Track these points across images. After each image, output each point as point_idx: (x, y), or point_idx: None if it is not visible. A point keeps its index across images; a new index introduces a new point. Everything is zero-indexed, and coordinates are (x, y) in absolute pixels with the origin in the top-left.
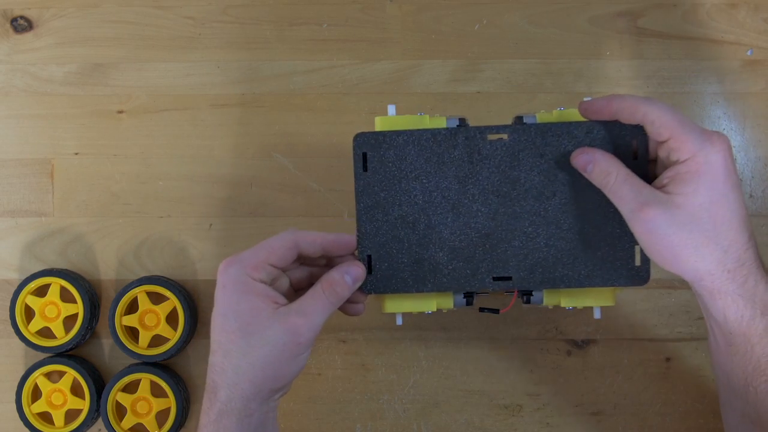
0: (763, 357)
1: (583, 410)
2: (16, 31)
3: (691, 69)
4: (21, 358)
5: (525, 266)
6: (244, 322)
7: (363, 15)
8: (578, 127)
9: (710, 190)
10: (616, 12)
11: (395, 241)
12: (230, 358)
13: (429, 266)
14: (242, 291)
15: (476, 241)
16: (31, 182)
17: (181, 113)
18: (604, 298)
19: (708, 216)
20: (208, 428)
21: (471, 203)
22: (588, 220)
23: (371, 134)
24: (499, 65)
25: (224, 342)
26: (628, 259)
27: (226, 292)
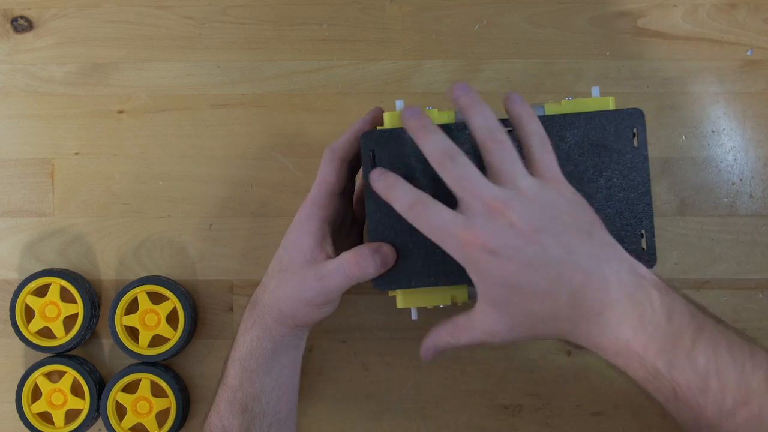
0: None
1: (584, 410)
2: (16, 31)
3: (691, 69)
4: (21, 358)
5: None
6: (290, 260)
7: (363, 15)
8: (579, 118)
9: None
10: (616, 12)
11: (406, 237)
12: (271, 282)
13: (440, 260)
14: (308, 232)
15: None
16: (31, 182)
17: (182, 113)
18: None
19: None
20: (244, 334)
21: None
22: (595, 207)
23: (378, 132)
24: (499, 65)
25: (274, 266)
26: (636, 243)
27: (295, 228)
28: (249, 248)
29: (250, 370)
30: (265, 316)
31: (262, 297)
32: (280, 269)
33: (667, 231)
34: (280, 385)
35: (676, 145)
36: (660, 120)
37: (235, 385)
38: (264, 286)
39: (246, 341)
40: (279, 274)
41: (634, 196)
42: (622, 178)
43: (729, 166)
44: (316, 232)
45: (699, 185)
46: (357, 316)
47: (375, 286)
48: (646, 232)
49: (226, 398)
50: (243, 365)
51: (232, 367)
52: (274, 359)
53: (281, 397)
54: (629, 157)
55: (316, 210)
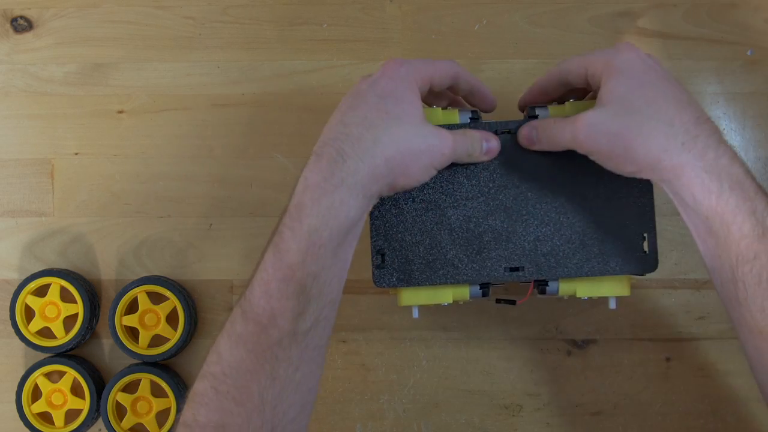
0: (742, 240)
1: (584, 410)
2: (16, 31)
3: (691, 69)
4: (21, 358)
5: (537, 256)
6: (402, 109)
7: (363, 15)
8: None
9: (630, 79)
10: (616, 12)
11: (408, 235)
12: (373, 131)
13: (442, 259)
14: (407, 88)
15: (489, 233)
16: (31, 182)
17: (182, 113)
18: (620, 288)
19: (637, 99)
20: (318, 200)
21: (482, 197)
22: (597, 210)
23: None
24: (499, 65)
25: (371, 117)
26: (637, 247)
27: (393, 80)
28: (249, 248)
29: (319, 245)
30: (359, 172)
31: (353, 149)
32: (394, 116)
33: (667, 231)
34: (340, 264)
35: None
36: None
37: (295, 262)
38: (357, 136)
39: (321, 209)
40: (392, 119)
41: (636, 199)
42: (627, 181)
43: None
44: (416, 91)
45: None
46: (357, 316)
47: (377, 284)
48: (648, 235)
49: (280, 276)
50: (311, 239)
51: (294, 241)
52: (349, 233)
53: (338, 276)
54: None
55: (417, 74)
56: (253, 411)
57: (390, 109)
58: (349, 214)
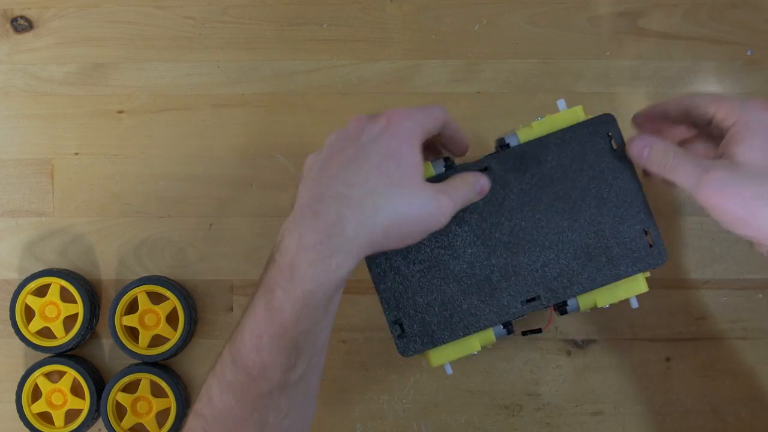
0: None
1: (584, 410)
2: (16, 31)
3: (691, 69)
4: (21, 358)
5: (549, 281)
6: (403, 173)
7: (363, 15)
8: (553, 138)
9: (766, 142)
10: (616, 12)
11: (419, 298)
12: (375, 197)
13: (458, 311)
14: (411, 147)
15: (496, 272)
16: (31, 182)
17: (182, 113)
18: (637, 286)
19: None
20: (313, 266)
21: (479, 240)
22: (592, 220)
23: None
24: (499, 65)
25: (373, 180)
26: (641, 243)
27: (397, 138)
28: (249, 248)
29: (313, 306)
30: (357, 239)
31: (354, 214)
32: (396, 183)
33: (667, 231)
34: (332, 313)
35: None
36: None
37: (289, 321)
38: (359, 200)
39: (317, 273)
40: (394, 188)
41: (628, 198)
42: (612, 184)
43: None
44: (419, 149)
45: None
46: (357, 316)
47: (404, 354)
48: (649, 229)
49: (272, 333)
50: (305, 302)
51: (288, 302)
52: (339, 290)
53: (329, 326)
54: (611, 161)
55: (420, 129)
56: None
57: (393, 173)
58: (342, 275)
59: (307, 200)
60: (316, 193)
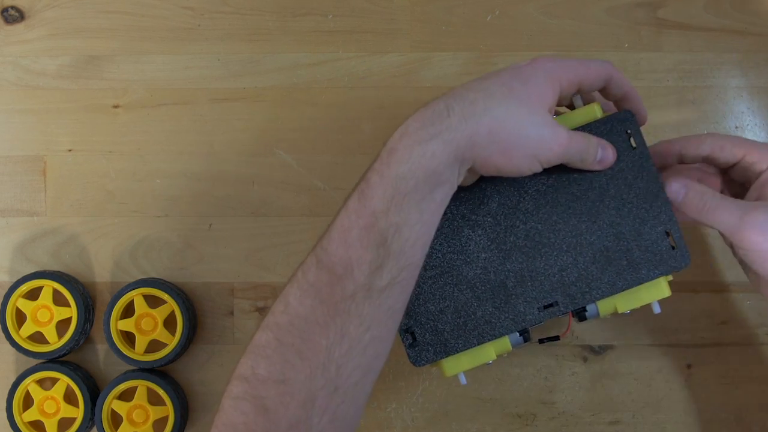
0: None
1: (600, 419)
2: (7, 22)
3: (713, 62)
4: (12, 365)
5: (567, 287)
6: (528, 92)
7: (370, 5)
8: None
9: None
10: (635, 2)
11: (431, 306)
12: (489, 100)
13: (472, 319)
14: (546, 79)
15: (511, 278)
16: (22, 180)
17: (180, 108)
18: (659, 291)
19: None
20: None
21: (493, 244)
22: (611, 222)
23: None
24: (512, 58)
25: (493, 88)
26: (663, 246)
27: (534, 69)
28: (250, 249)
29: (404, 193)
30: (459, 130)
31: (460, 108)
32: (506, 90)
33: (689, 232)
34: (425, 223)
35: None
36: (681, 115)
37: (379, 209)
38: (472, 98)
39: (413, 156)
40: (505, 96)
41: (648, 198)
42: (632, 183)
43: None
44: (554, 87)
45: None
46: None
47: (416, 364)
48: (671, 231)
49: (362, 224)
50: (397, 187)
51: (381, 186)
52: (435, 189)
53: (421, 239)
54: (631, 160)
55: (563, 71)
56: (318, 367)
57: (516, 87)
58: (438, 168)
59: (449, 100)
60: (444, 95)
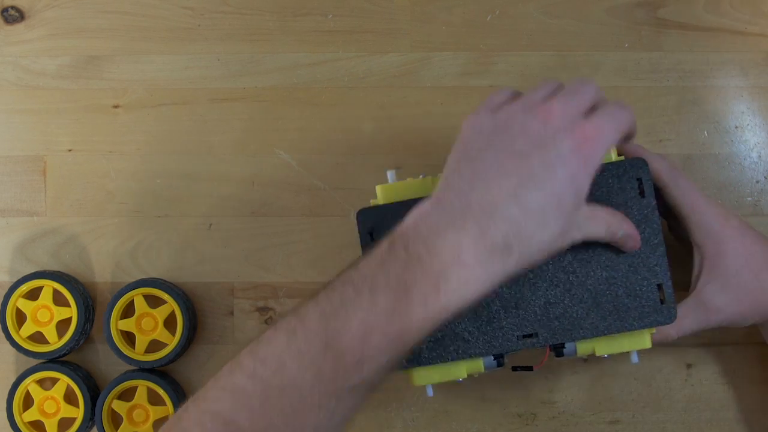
0: None
1: (601, 419)
2: (6, 22)
3: (713, 62)
4: (12, 365)
5: (550, 320)
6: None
7: (370, 5)
8: None
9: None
10: (635, 2)
11: None
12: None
13: (451, 334)
14: (593, 174)
15: (496, 302)
16: (22, 180)
17: (180, 108)
18: (641, 341)
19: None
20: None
21: None
22: (607, 265)
23: (374, 209)
24: (512, 58)
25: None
26: (652, 298)
27: (586, 167)
28: (250, 249)
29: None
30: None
31: (517, 247)
32: (562, 223)
33: None
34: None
35: (697, 142)
36: (681, 115)
37: (413, 331)
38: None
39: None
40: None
41: (647, 249)
42: None
43: (753, 164)
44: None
45: (722, 183)
46: None
47: None
48: (662, 285)
49: (390, 334)
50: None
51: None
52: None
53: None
54: (637, 209)
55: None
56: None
57: (566, 204)
58: (473, 297)
59: (473, 202)
60: (486, 201)
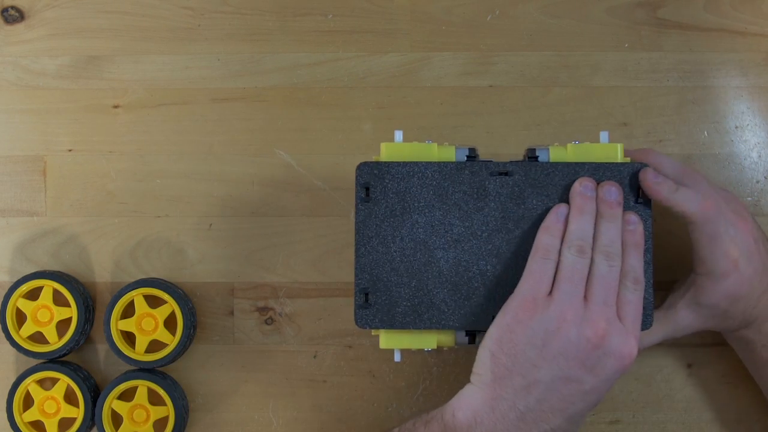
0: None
1: (600, 419)
2: (7, 22)
3: (713, 62)
4: (12, 365)
5: None
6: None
7: (370, 5)
8: (584, 169)
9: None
10: (635, 2)
11: (394, 275)
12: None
13: (428, 302)
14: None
15: (478, 278)
16: (22, 180)
17: (180, 108)
18: None
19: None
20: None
21: (474, 240)
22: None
23: (375, 164)
24: (512, 58)
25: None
26: None
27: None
28: (251, 249)
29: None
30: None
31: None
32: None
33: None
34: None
35: (697, 142)
36: (681, 115)
37: None
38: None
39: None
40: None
41: None
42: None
43: (753, 164)
44: None
45: (722, 183)
46: None
47: (358, 324)
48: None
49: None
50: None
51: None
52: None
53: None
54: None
55: None
56: None
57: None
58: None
59: (527, 417)
60: (538, 416)
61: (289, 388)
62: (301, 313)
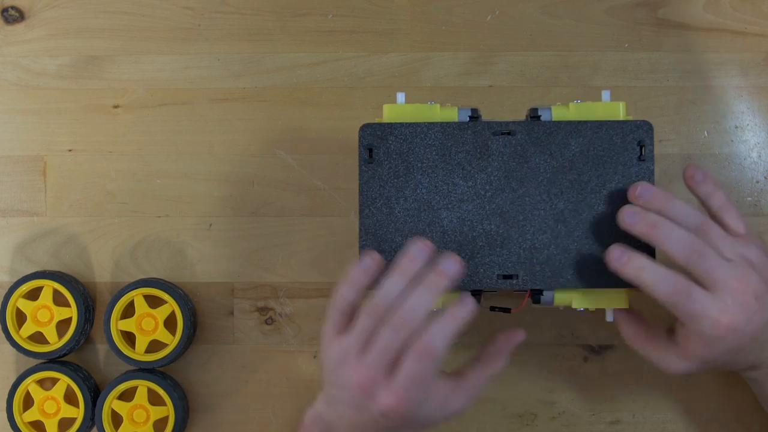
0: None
1: (601, 419)
2: (7, 22)
3: (713, 62)
4: (12, 365)
5: (532, 265)
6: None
7: (370, 5)
8: (586, 126)
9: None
10: (635, 2)
11: (398, 236)
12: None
13: None
14: None
15: (483, 238)
16: (22, 180)
17: (180, 108)
18: (617, 300)
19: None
20: None
21: (478, 200)
22: (597, 221)
23: (378, 126)
24: (512, 58)
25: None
26: None
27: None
28: (250, 249)
29: None
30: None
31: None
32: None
33: None
34: None
35: (697, 142)
36: (681, 115)
37: None
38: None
39: None
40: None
41: None
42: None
43: (753, 164)
44: None
45: (722, 183)
46: None
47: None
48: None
49: None
50: None
51: None
52: None
53: None
54: (635, 170)
55: None
56: None
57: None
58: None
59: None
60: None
61: (289, 388)
62: (301, 313)
